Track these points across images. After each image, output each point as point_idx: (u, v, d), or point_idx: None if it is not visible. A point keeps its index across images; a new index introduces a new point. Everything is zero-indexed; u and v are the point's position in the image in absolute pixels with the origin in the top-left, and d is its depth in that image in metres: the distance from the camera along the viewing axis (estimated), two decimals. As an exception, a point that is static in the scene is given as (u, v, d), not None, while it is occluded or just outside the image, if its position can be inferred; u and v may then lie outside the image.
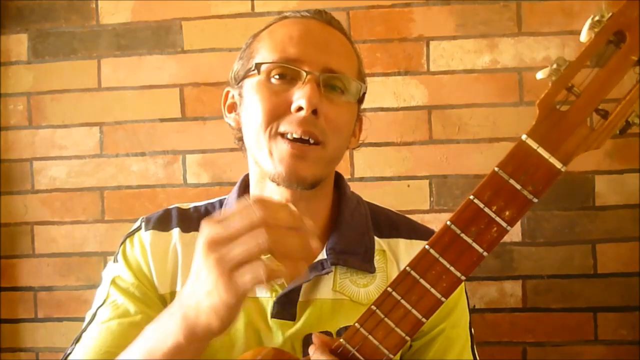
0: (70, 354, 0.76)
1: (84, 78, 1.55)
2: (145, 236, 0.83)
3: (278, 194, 0.79)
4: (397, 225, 0.87)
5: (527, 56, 1.42)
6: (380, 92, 1.46)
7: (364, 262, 0.81)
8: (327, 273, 0.78)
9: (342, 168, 0.91)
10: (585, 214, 1.42)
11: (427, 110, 1.46)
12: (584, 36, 0.50)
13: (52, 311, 1.56)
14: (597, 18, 0.48)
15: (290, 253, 0.51)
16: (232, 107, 0.86)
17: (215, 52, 1.50)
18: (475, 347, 0.84)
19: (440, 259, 0.53)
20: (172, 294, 0.80)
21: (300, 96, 0.73)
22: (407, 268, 0.54)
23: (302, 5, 1.42)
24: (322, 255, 0.79)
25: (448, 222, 0.53)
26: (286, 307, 0.77)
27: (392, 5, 1.46)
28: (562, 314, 1.43)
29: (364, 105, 0.89)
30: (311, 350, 0.61)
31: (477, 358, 0.84)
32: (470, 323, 0.85)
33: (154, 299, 0.80)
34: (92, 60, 1.55)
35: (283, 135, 0.74)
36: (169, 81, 1.53)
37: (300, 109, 0.73)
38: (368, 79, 1.49)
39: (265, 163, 0.76)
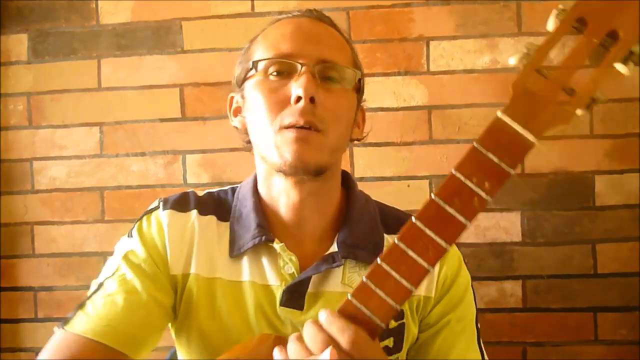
0: (72, 318, 0.77)
1: (84, 78, 1.55)
2: (163, 215, 0.83)
3: (285, 191, 0.81)
4: (405, 223, 0.87)
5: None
6: (380, 92, 1.46)
7: (373, 257, 0.82)
8: (338, 266, 0.80)
9: (343, 168, 0.91)
10: (585, 214, 1.43)
11: (427, 110, 1.46)
12: (551, 25, 0.55)
13: (52, 311, 1.56)
14: (561, 7, 0.54)
15: None
16: (237, 111, 0.88)
17: (215, 52, 1.50)
18: (481, 341, 0.85)
19: (427, 230, 0.56)
20: (185, 276, 0.81)
21: (297, 86, 0.75)
22: (396, 240, 0.58)
23: (301, 5, 1.42)
24: (333, 248, 0.81)
25: (432, 196, 0.57)
26: (295, 296, 0.79)
27: (392, 5, 1.46)
28: (562, 314, 1.43)
29: (365, 105, 0.89)
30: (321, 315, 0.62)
31: (484, 352, 0.85)
32: (476, 319, 0.86)
33: (163, 279, 0.80)
34: (92, 60, 1.55)
35: (287, 127, 0.76)
36: (169, 81, 1.53)
37: (299, 99, 0.75)
38: (368, 79, 1.49)
39: (272, 156, 0.78)
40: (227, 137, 1.49)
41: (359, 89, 0.86)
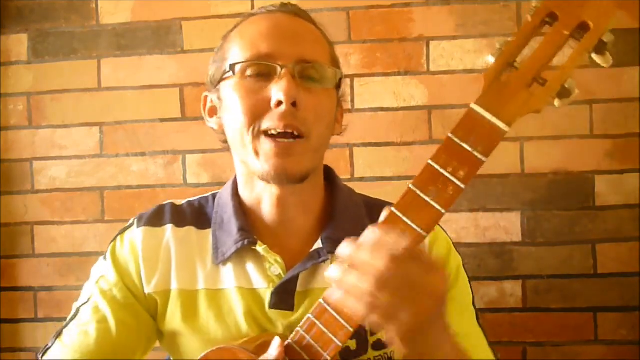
0: (50, 347, 0.79)
1: (84, 78, 1.55)
2: (137, 234, 0.83)
3: (268, 191, 0.80)
4: None
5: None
6: (380, 92, 1.46)
7: None
8: (324, 261, 0.78)
9: (342, 168, 0.91)
10: (585, 214, 1.42)
11: (427, 110, 1.46)
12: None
13: (52, 311, 1.56)
14: (533, 5, 0.56)
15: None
16: (213, 111, 0.85)
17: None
18: (480, 322, 0.86)
19: (404, 218, 0.59)
20: (165, 293, 0.80)
21: (277, 90, 0.73)
22: (374, 227, 0.60)
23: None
24: (318, 244, 0.80)
25: (410, 185, 0.59)
26: (284, 297, 0.78)
27: (392, 5, 1.46)
28: (562, 314, 1.43)
29: (364, 105, 0.89)
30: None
31: (484, 331, 0.85)
32: (473, 300, 0.86)
33: (135, 302, 0.81)
34: (92, 60, 1.55)
35: (266, 132, 0.74)
36: (169, 81, 1.53)
37: (279, 103, 0.73)
38: (368, 79, 1.49)
39: (252, 162, 0.76)
40: (227, 137, 1.48)
41: (338, 86, 0.84)
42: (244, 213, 0.83)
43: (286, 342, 0.66)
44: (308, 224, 0.83)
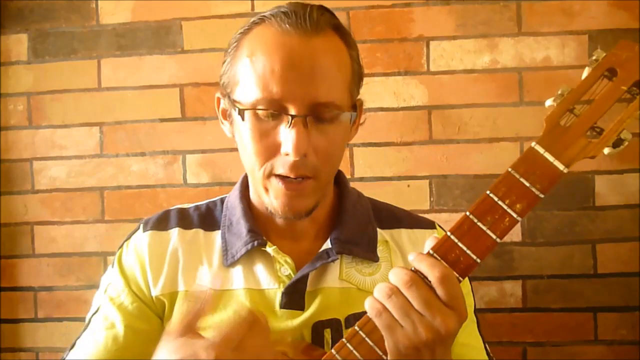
0: None
1: (84, 78, 1.55)
2: (143, 238, 0.84)
3: None
4: (399, 217, 0.90)
5: (527, 56, 1.42)
6: (380, 92, 1.46)
7: (367, 252, 0.83)
8: (333, 261, 0.80)
9: (342, 168, 0.91)
10: (585, 214, 1.43)
11: (427, 110, 1.46)
12: (585, 73, 0.62)
13: (52, 311, 1.56)
14: (594, 58, 0.61)
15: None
16: (226, 115, 0.84)
17: (215, 52, 1.50)
18: (481, 329, 0.87)
19: (459, 244, 0.61)
20: (172, 295, 0.81)
21: (287, 142, 0.71)
22: (430, 251, 0.62)
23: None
24: (327, 245, 0.81)
25: (467, 213, 0.62)
26: (294, 297, 0.79)
27: (392, 5, 1.46)
28: (562, 314, 1.43)
29: (364, 105, 0.88)
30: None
31: (485, 341, 0.86)
32: (475, 308, 0.87)
33: (144, 307, 0.81)
34: (92, 60, 1.55)
35: (277, 176, 0.74)
36: (169, 81, 1.53)
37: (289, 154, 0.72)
38: (368, 79, 1.49)
39: (262, 195, 0.78)
40: (227, 137, 1.48)
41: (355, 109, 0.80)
42: (253, 215, 0.84)
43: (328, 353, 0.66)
44: (316, 226, 0.84)
